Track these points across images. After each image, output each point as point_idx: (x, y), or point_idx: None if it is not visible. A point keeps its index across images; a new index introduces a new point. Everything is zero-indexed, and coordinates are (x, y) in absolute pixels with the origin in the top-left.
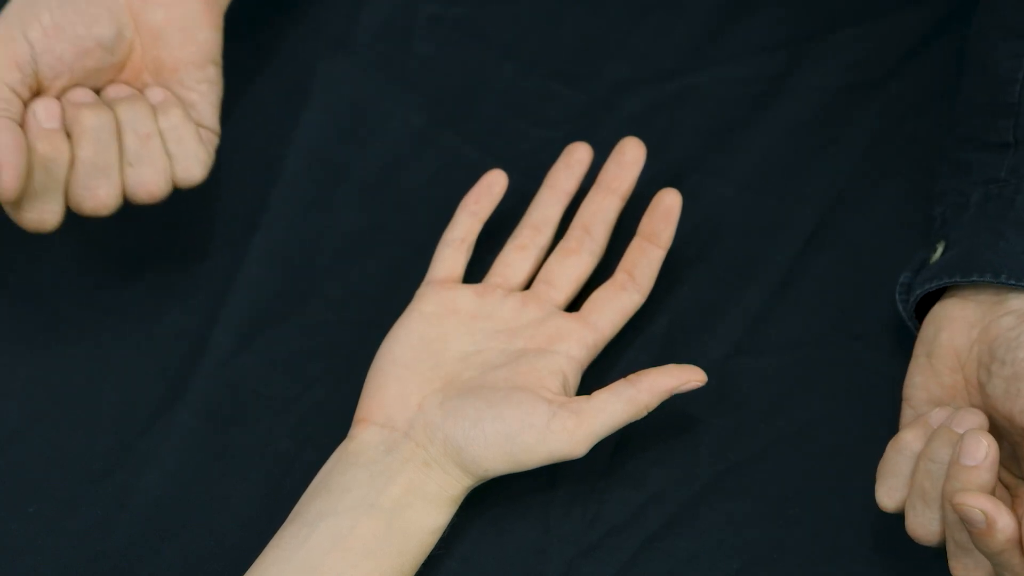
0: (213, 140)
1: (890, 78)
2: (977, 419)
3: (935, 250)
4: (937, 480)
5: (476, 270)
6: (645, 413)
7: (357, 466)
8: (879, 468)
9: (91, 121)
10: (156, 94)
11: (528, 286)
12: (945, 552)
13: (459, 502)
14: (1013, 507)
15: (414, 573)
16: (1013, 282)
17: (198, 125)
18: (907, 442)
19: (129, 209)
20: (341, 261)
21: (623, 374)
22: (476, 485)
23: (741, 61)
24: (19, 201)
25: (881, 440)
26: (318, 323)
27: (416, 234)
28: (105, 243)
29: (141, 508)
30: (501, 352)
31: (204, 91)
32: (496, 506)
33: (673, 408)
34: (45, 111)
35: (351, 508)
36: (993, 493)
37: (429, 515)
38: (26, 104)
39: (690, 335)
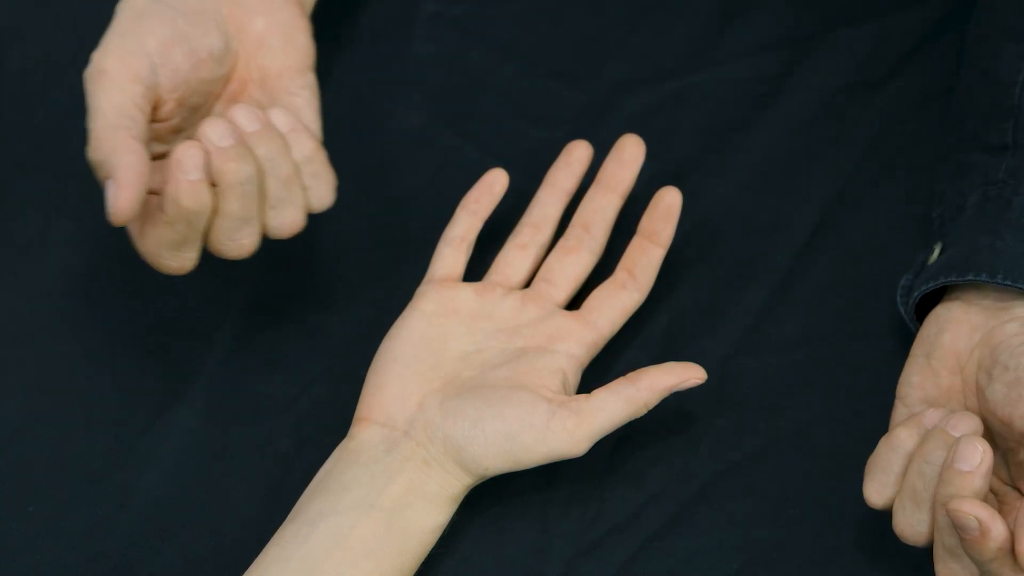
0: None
1: (890, 78)
2: (972, 423)
3: (933, 251)
4: (929, 481)
5: (476, 269)
6: (645, 412)
7: (357, 465)
8: (869, 463)
9: (237, 175)
10: (282, 119)
11: (528, 285)
12: (931, 552)
13: (459, 501)
14: (1001, 513)
15: (414, 572)
16: (1009, 283)
17: None
18: (900, 440)
19: None
20: (341, 261)
21: (623, 373)
22: (476, 484)
23: (741, 61)
24: (157, 249)
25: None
26: (318, 323)
27: (416, 233)
28: (104, 243)
29: (141, 508)
30: (501, 351)
31: (308, 97)
32: (496, 505)
33: (673, 407)
34: (191, 161)
35: (351, 507)
36: (984, 499)
37: (429, 514)
38: (148, 120)
39: (690, 334)
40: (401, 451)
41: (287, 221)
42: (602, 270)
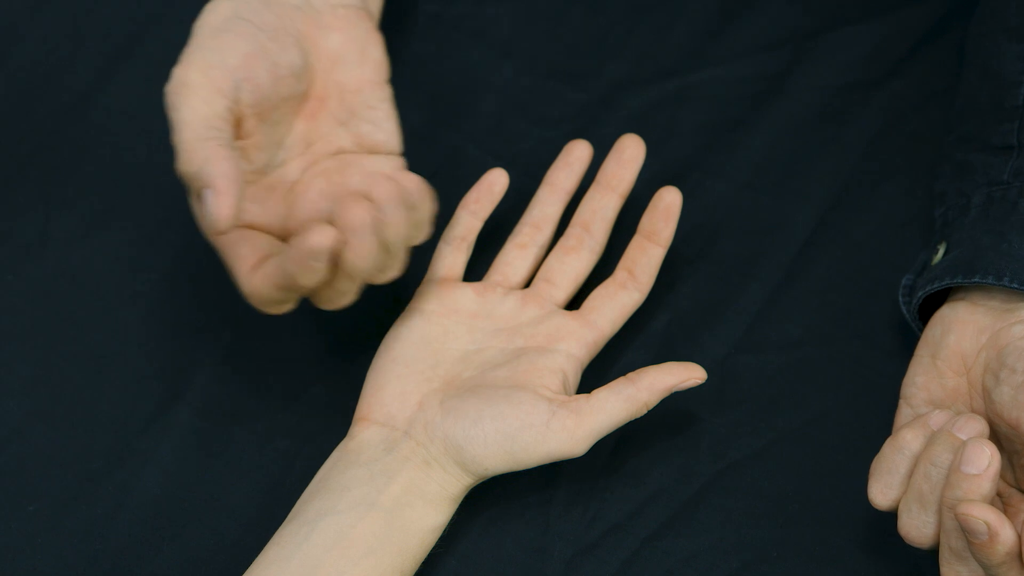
0: (403, 166)
1: (891, 77)
2: (979, 426)
3: (936, 252)
4: (936, 484)
5: (476, 269)
6: (645, 411)
7: (357, 465)
8: (874, 464)
9: (399, 229)
10: (375, 163)
11: (528, 284)
12: (935, 554)
13: (459, 501)
14: (1006, 515)
15: (414, 572)
16: (1016, 285)
17: (385, 151)
18: (906, 441)
19: (127, 209)
20: None
21: (623, 372)
22: (476, 484)
23: (741, 60)
24: (273, 294)
25: (881, 440)
26: (318, 323)
27: None
28: (104, 243)
29: (141, 508)
30: (501, 351)
31: (386, 110)
32: (496, 505)
33: (673, 407)
34: (321, 236)
35: (351, 507)
36: (991, 502)
37: (429, 514)
38: (233, 133)
39: (690, 334)
40: (401, 451)
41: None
42: (602, 270)
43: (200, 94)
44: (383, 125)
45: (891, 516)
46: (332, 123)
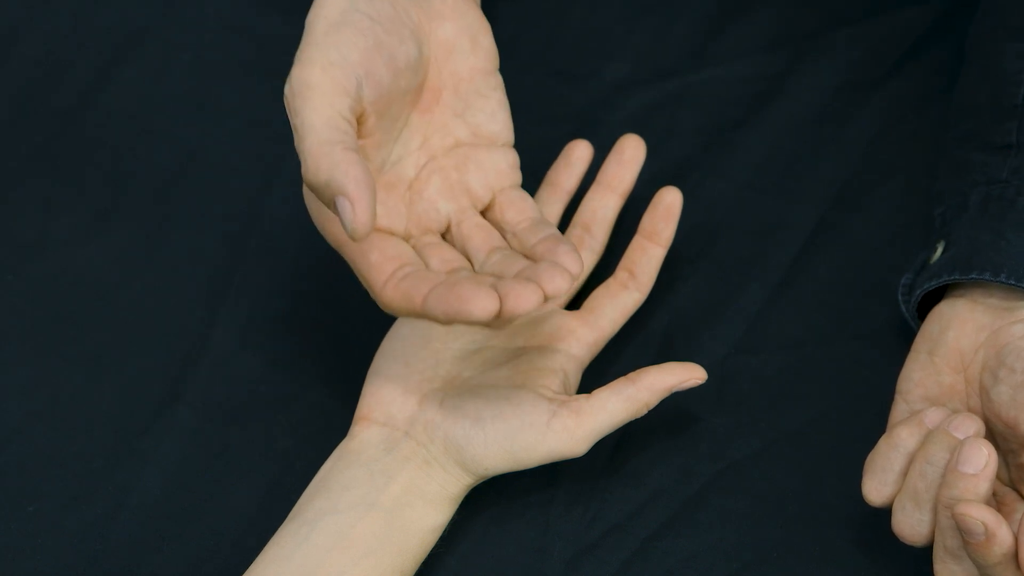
0: (517, 160)
1: (890, 77)
2: (975, 425)
3: (935, 250)
4: (931, 483)
5: None
6: (645, 411)
7: (357, 465)
8: (868, 461)
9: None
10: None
11: None
12: (930, 552)
13: (459, 501)
14: (1001, 514)
15: (415, 572)
16: (1013, 282)
17: (499, 142)
18: (901, 438)
19: (127, 209)
20: (341, 260)
21: (623, 372)
22: (476, 484)
23: (741, 60)
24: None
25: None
26: (318, 323)
27: None
28: (105, 243)
29: (141, 508)
30: (501, 350)
31: (499, 98)
32: (496, 505)
33: (673, 407)
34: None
35: (351, 507)
36: (986, 502)
37: (429, 514)
38: (356, 134)
39: (690, 334)
40: (401, 451)
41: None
42: (603, 270)
43: (323, 95)
44: (497, 115)
45: (890, 516)
46: (448, 115)
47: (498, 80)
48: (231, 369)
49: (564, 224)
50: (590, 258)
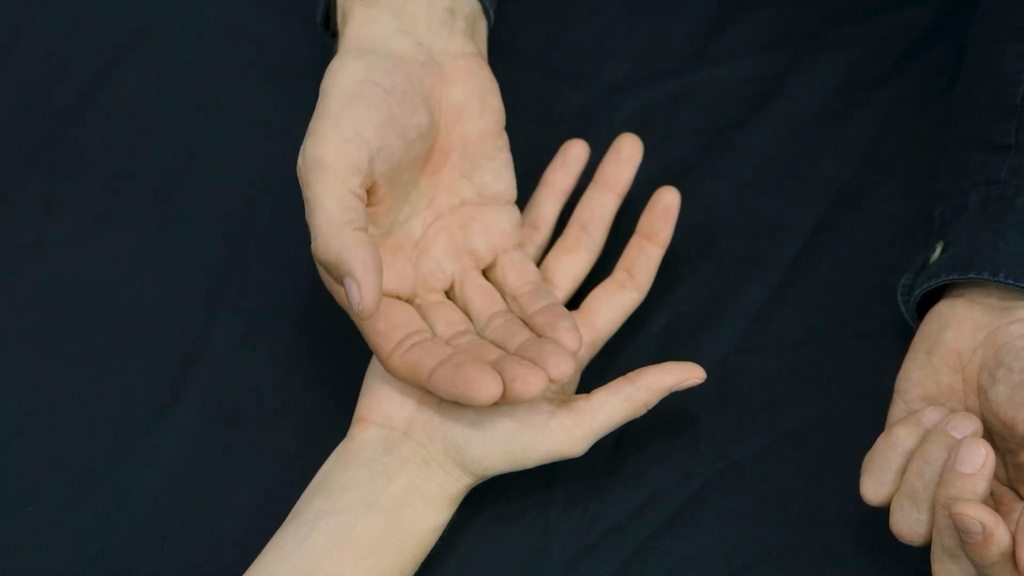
0: (518, 218)
1: (890, 77)
2: (973, 425)
3: (935, 250)
4: (929, 482)
5: None
6: (644, 411)
7: (357, 465)
8: (866, 460)
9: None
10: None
11: None
12: (927, 551)
13: (459, 501)
14: (998, 513)
15: (414, 572)
16: (1011, 282)
17: (502, 201)
18: (899, 438)
19: (128, 209)
20: None
21: (622, 372)
22: (476, 484)
23: (741, 60)
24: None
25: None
26: (318, 323)
27: None
28: (105, 243)
29: (141, 508)
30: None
31: (505, 159)
32: (496, 505)
33: (673, 407)
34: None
35: (351, 507)
36: (984, 501)
37: (429, 514)
38: (366, 206)
39: (689, 334)
40: (400, 451)
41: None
42: (601, 270)
43: (335, 174)
44: (502, 175)
45: (889, 515)
46: (455, 176)
47: (504, 140)
48: (231, 369)
49: (562, 223)
50: (588, 258)
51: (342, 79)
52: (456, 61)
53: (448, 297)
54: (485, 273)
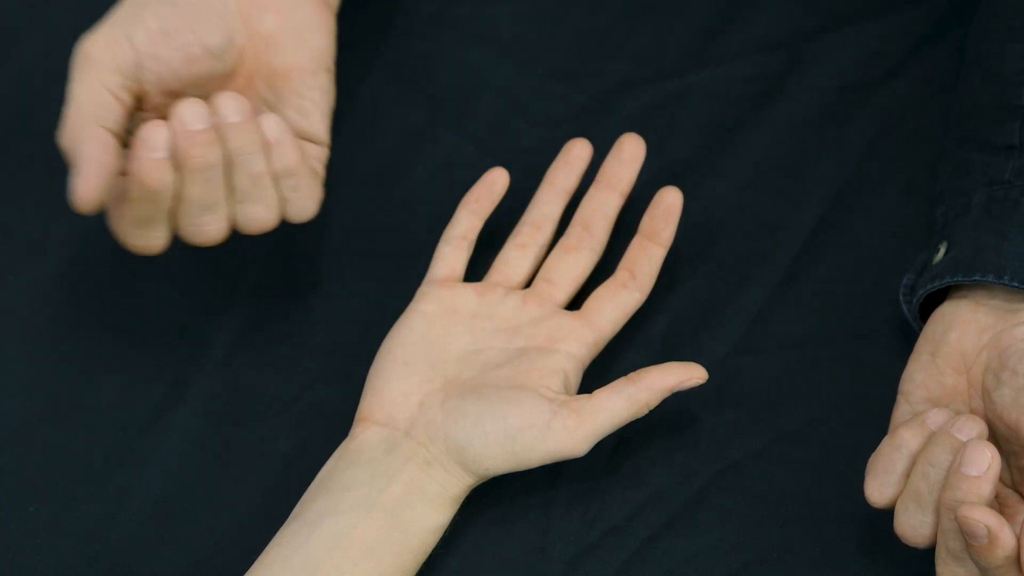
0: (323, 154)
1: (891, 77)
2: (978, 427)
3: (937, 251)
4: (934, 484)
5: (477, 269)
6: (646, 411)
7: (358, 465)
8: (871, 462)
9: (200, 160)
10: (271, 127)
11: (529, 284)
12: (930, 553)
13: (460, 501)
14: (1003, 516)
15: (415, 572)
16: (1016, 284)
17: (308, 139)
18: (904, 440)
19: None
20: (341, 261)
21: (624, 373)
22: (477, 484)
23: (741, 60)
24: (125, 227)
25: (881, 440)
26: (318, 323)
27: (416, 233)
28: (104, 243)
29: (141, 508)
30: (502, 351)
31: (316, 99)
32: (497, 505)
33: (673, 407)
34: (155, 139)
35: (352, 507)
36: (989, 504)
37: (430, 514)
38: (128, 110)
39: (690, 334)
40: (402, 451)
41: (255, 217)
42: (603, 270)
43: (97, 70)
44: (310, 115)
45: (892, 516)
46: (259, 102)
47: (322, 82)
48: (231, 369)
49: (564, 223)
50: (590, 258)
51: None
52: None
53: None
54: None
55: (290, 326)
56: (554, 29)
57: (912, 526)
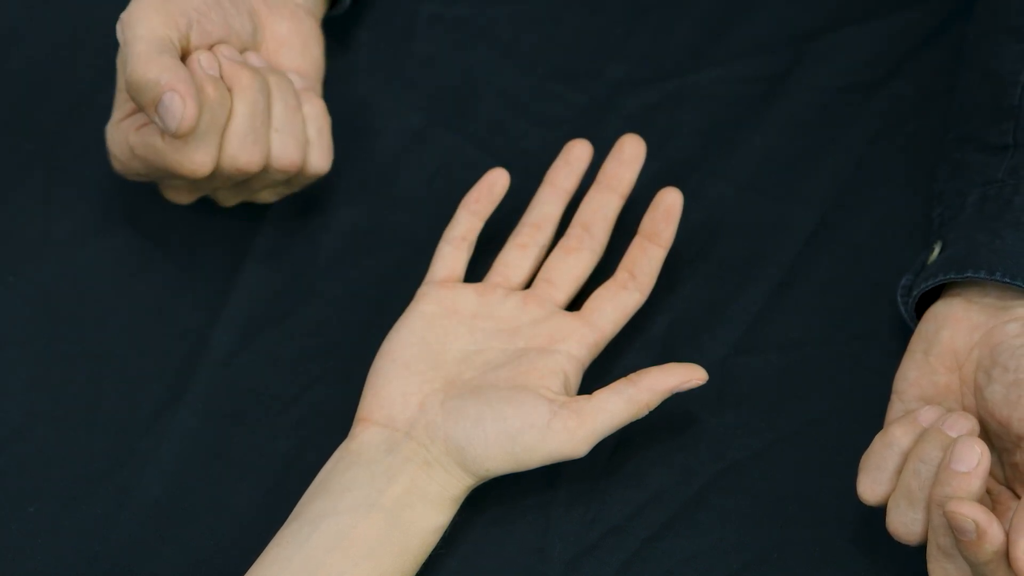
0: None
1: (891, 78)
2: (969, 424)
3: (933, 251)
4: (925, 481)
5: (477, 269)
6: (646, 412)
7: (358, 465)
8: (863, 460)
9: (248, 80)
10: (297, 80)
11: (529, 285)
12: (924, 550)
13: (460, 501)
14: (995, 512)
15: (415, 572)
16: (1008, 280)
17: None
18: (896, 437)
19: (128, 210)
20: (341, 261)
21: (624, 373)
22: (477, 485)
23: (741, 60)
24: (177, 150)
25: None
26: (318, 323)
27: (416, 234)
28: (105, 243)
29: (141, 508)
30: (502, 351)
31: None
32: (497, 506)
33: (673, 408)
34: (207, 61)
35: (352, 508)
36: (980, 500)
37: (430, 515)
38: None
39: (690, 335)
40: (402, 452)
41: (288, 150)
42: (603, 270)
43: (155, 20)
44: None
45: (885, 515)
46: None
47: (318, 89)
48: (231, 369)
49: (564, 224)
50: (590, 258)
51: None
52: (287, 3)
53: None
54: None
55: (290, 326)
56: (554, 30)
57: (903, 523)
